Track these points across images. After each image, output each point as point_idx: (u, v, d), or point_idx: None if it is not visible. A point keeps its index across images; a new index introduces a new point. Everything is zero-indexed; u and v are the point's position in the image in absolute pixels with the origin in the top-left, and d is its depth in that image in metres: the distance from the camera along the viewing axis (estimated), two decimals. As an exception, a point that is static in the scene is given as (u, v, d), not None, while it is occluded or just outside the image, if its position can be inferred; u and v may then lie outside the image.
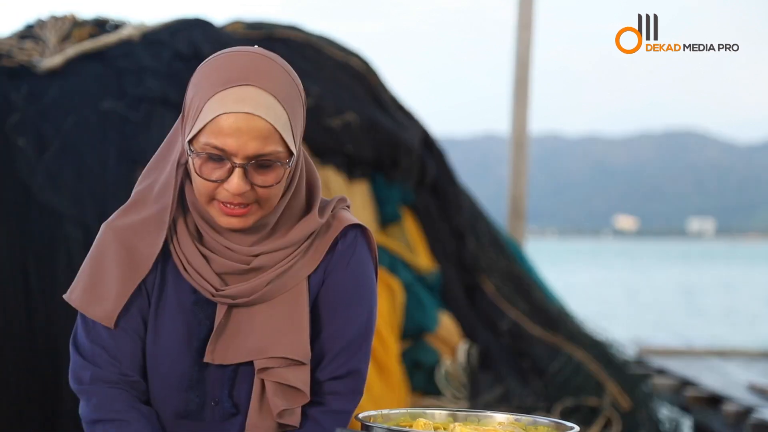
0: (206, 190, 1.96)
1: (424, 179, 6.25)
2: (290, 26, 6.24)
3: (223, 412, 2.06)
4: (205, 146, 1.93)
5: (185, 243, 2.02)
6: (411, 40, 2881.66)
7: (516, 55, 9.47)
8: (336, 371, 2.07)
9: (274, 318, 2.03)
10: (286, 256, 2.02)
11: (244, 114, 1.90)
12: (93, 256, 2.05)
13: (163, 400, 2.07)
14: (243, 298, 2.01)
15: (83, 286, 2.04)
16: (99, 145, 5.19)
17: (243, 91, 1.92)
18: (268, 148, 1.92)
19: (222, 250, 2.01)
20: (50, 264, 4.93)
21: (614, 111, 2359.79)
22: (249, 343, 2.02)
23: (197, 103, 1.95)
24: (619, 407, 6.06)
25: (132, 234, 2.03)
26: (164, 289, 2.05)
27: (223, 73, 1.94)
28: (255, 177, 1.93)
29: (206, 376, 2.05)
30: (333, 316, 2.07)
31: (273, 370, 2.02)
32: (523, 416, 2.00)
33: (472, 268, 6.40)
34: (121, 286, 2.01)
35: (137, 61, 5.46)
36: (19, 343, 4.84)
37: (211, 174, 1.94)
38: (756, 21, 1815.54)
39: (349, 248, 2.07)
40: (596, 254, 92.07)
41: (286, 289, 2.03)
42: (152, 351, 2.06)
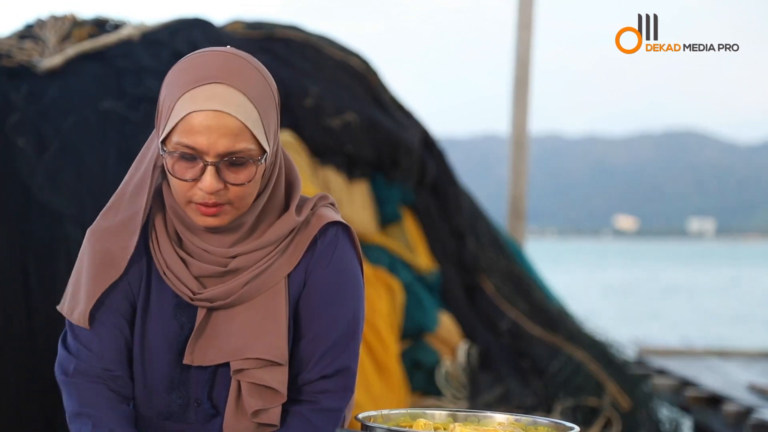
0: (182, 191, 1.96)
1: (424, 179, 6.24)
2: (290, 26, 6.24)
3: (204, 413, 2.07)
4: (177, 145, 1.93)
5: (164, 246, 2.04)
6: (411, 40, 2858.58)
7: (516, 55, 9.47)
8: (324, 370, 2.06)
9: (252, 319, 2.02)
10: (263, 257, 2.02)
11: (213, 111, 1.90)
12: (78, 260, 2.10)
13: (148, 401, 2.08)
14: (220, 301, 2.02)
15: (69, 294, 2.10)
16: (99, 145, 5.19)
17: (212, 89, 1.92)
18: (239, 145, 1.92)
19: (199, 252, 2.02)
20: (50, 264, 4.92)
21: (614, 111, 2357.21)
22: (226, 345, 2.03)
23: (168, 103, 1.95)
24: (619, 407, 6.06)
25: (107, 236, 2.05)
26: (149, 293, 2.07)
27: (193, 73, 1.94)
28: (227, 175, 1.93)
29: (189, 377, 2.06)
30: (317, 315, 2.06)
31: (248, 371, 2.02)
32: (523, 416, 1.99)
33: (472, 268, 6.39)
34: (92, 286, 2.04)
35: (137, 61, 5.46)
36: (19, 343, 4.84)
37: (184, 173, 1.95)
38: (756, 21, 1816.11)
39: (329, 246, 2.06)
40: (596, 254, 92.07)
41: (265, 290, 2.03)
42: (138, 353, 2.07)
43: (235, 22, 6.15)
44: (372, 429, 1.87)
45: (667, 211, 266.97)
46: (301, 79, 5.88)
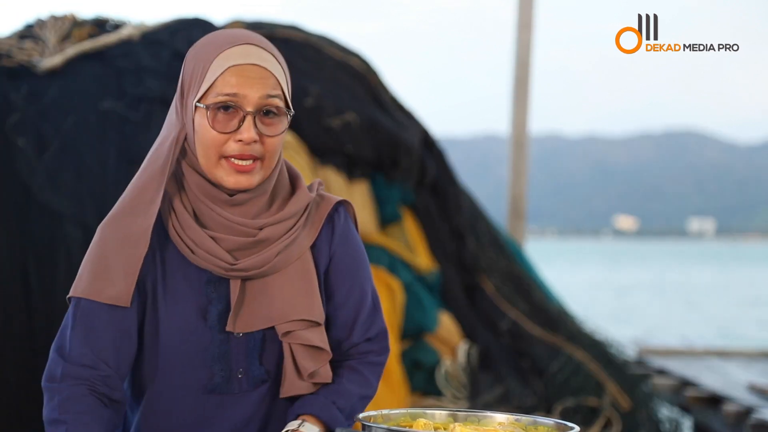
0: (216, 145, 2.07)
1: (424, 179, 6.24)
2: (290, 26, 6.24)
3: (253, 380, 2.14)
4: (217, 98, 2.06)
5: (189, 226, 2.11)
6: (411, 40, 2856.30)
7: (516, 55, 9.47)
8: (367, 333, 2.24)
9: (287, 285, 2.14)
10: (288, 229, 2.14)
11: (251, 65, 2.07)
12: (93, 250, 2.12)
13: (187, 378, 2.13)
14: (255, 270, 2.11)
15: (88, 277, 2.09)
16: (99, 145, 5.19)
17: (246, 48, 2.09)
18: (274, 96, 2.08)
19: (227, 225, 2.10)
20: (50, 264, 4.92)
21: (614, 111, 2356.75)
22: (268, 311, 2.13)
23: (200, 68, 2.09)
24: (619, 407, 6.06)
25: (123, 216, 2.11)
26: (169, 275, 2.12)
27: (223, 38, 2.11)
28: (262, 127, 2.08)
29: (230, 348, 2.13)
30: (350, 285, 2.22)
31: (295, 333, 2.13)
32: (523, 416, 2.00)
33: (472, 268, 6.39)
34: (128, 266, 2.08)
35: (137, 61, 5.46)
36: (19, 343, 4.84)
37: (225, 126, 2.07)
38: (756, 21, 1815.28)
39: (345, 223, 2.23)
40: (596, 254, 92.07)
41: (293, 260, 2.15)
42: (167, 333, 2.11)
43: (235, 22, 6.14)
44: (372, 429, 1.87)
45: (667, 211, 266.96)
46: (301, 79, 5.87)
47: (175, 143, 2.12)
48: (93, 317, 2.08)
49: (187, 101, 2.12)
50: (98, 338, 2.07)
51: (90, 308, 2.08)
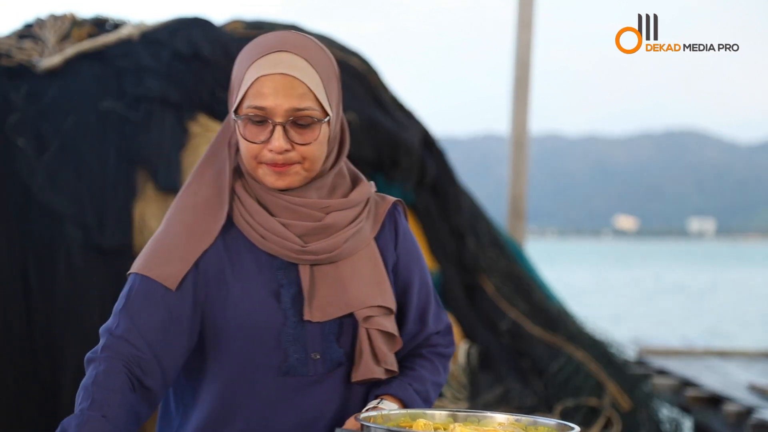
0: (251, 154, 2.12)
1: (424, 179, 6.24)
2: (290, 26, 6.23)
3: (330, 363, 2.17)
4: (247, 110, 2.10)
5: (257, 213, 2.15)
6: (411, 40, 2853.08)
7: (516, 55, 9.47)
8: (437, 327, 2.32)
9: (358, 272, 2.19)
10: (354, 217, 2.19)
11: (279, 74, 2.09)
12: (159, 233, 2.18)
13: (261, 361, 2.14)
14: (325, 254, 2.15)
15: (146, 255, 2.15)
16: (98, 145, 5.19)
17: (278, 56, 2.11)
18: (304, 105, 2.09)
19: (292, 208, 2.14)
20: (50, 264, 4.92)
21: (614, 111, 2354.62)
22: (344, 298, 2.16)
23: (239, 75, 2.15)
24: (620, 407, 6.06)
25: (194, 211, 2.16)
26: (237, 261, 2.15)
27: (261, 46, 2.14)
28: (294, 135, 2.10)
29: (304, 332, 2.15)
30: (417, 277, 2.28)
31: (374, 319, 2.17)
32: (523, 416, 1.99)
33: (472, 268, 6.39)
34: (185, 252, 2.13)
35: (137, 60, 5.45)
36: (19, 343, 4.83)
37: (256, 136, 2.10)
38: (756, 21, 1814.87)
39: (405, 223, 2.31)
40: (596, 254, 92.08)
41: (360, 248, 2.20)
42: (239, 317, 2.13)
43: (235, 21, 6.14)
44: (372, 429, 1.87)
45: (667, 211, 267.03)
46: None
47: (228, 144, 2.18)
48: (144, 295, 2.10)
49: (231, 106, 2.16)
50: (146, 317, 2.09)
51: (143, 285, 2.11)
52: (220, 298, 2.14)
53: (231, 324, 2.13)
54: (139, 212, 5.10)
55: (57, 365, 4.79)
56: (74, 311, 4.88)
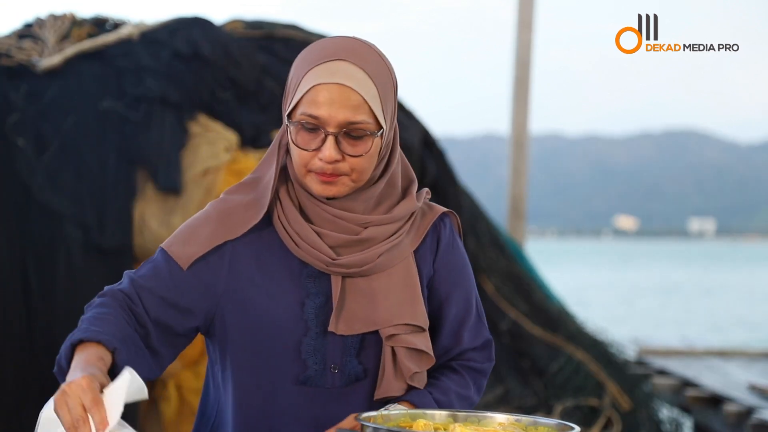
0: (302, 161, 2.09)
1: (424, 179, 6.24)
2: (290, 26, 6.23)
3: (348, 376, 2.15)
4: (301, 116, 2.07)
5: (294, 218, 2.13)
6: (411, 40, 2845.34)
7: (516, 55, 9.47)
8: (473, 343, 2.28)
9: (391, 288, 2.15)
10: (394, 231, 2.16)
11: (335, 84, 2.05)
12: (197, 217, 2.17)
13: (279, 369, 2.14)
14: (356, 268, 2.12)
15: (176, 233, 2.16)
16: (98, 145, 5.19)
17: (336, 65, 2.06)
18: (358, 117, 2.05)
19: (332, 220, 2.12)
20: (50, 264, 4.92)
21: (614, 111, 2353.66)
22: (372, 313, 2.14)
23: (295, 80, 2.10)
24: (620, 407, 6.06)
25: (234, 205, 2.15)
26: (268, 264, 2.14)
27: (319, 52, 2.09)
28: (346, 147, 2.07)
29: (325, 344, 2.13)
30: (456, 293, 2.24)
31: (399, 336, 2.14)
32: (523, 417, 1.99)
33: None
34: (207, 237, 2.12)
35: (136, 60, 5.45)
36: (19, 343, 4.83)
37: (307, 144, 2.07)
38: (756, 21, 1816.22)
39: (450, 234, 2.26)
40: (596, 254, 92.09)
41: (395, 263, 2.16)
42: (261, 321, 2.12)
43: (235, 21, 6.14)
44: (372, 429, 1.87)
45: (667, 211, 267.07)
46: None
47: (279, 144, 2.16)
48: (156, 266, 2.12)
49: (285, 109, 2.13)
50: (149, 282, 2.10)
51: (160, 257, 2.13)
52: (245, 299, 2.13)
53: (252, 327, 2.12)
54: (139, 212, 5.10)
55: (57, 365, 4.79)
56: (74, 311, 4.86)
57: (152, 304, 2.10)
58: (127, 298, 2.09)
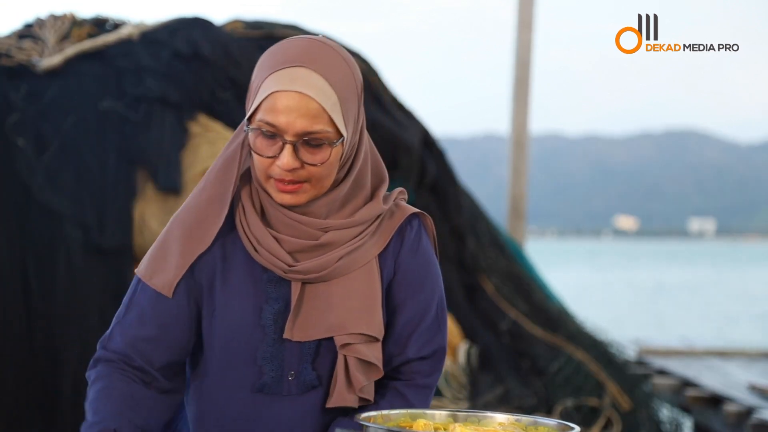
0: (262, 167, 2.05)
1: (424, 179, 6.24)
2: (290, 26, 6.23)
3: (304, 384, 2.12)
4: (260, 123, 2.03)
5: (253, 222, 2.09)
6: (411, 40, 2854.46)
7: (516, 55, 9.47)
8: (422, 351, 2.18)
9: (349, 294, 2.11)
10: (355, 235, 2.11)
11: (294, 92, 2.00)
12: (163, 234, 2.13)
13: (236, 375, 2.12)
14: (314, 274, 2.09)
15: (148, 259, 2.12)
16: (98, 145, 5.19)
17: (296, 71, 2.02)
18: (317, 126, 2.01)
19: (291, 224, 2.09)
20: (50, 264, 4.92)
21: (614, 111, 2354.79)
22: (328, 320, 2.10)
23: (256, 83, 2.06)
24: (620, 407, 6.06)
25: (196, 212, 2.11)
26: (230, 268, 2.12)
27: (280, 56, 2.04)
28: (304, 155, 2.03)
29: (283, 350, 2.11)
30: (411, 299, 2.17)
31: (353, 346, 2.10)
32: (523, 417, 1.99)
33: (472, 268, 6.39)
34: (180, 258, 2.08)
35: (136, 60, 5.45)
36: (19, 344, 4.83)
37: (265, 150, 2.04)
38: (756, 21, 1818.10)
39: (416, 236, 2.18)
40: (596, 254, 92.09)
41: (357, 267, 2.12)
42: (220, 327, 2.11)
43: (235, 21, 6.14)
44: (372, 429, 1.87)
45: (667, 211, 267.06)
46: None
47: (241, 146, 2.11)
48: (141, 304, 2.11)
49: (246, 111, 2.09)
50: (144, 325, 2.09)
51: (142, 292, 2.11)
52: (209, 305, 2.11)
53: (214, 335, 2.11)
54: (139, 212, 5.10)
55: (57, 366, 4.79)
56: (74, 311, 4.88)
57: (150, 353, 2.10)
58: (123, 358, 2.09)
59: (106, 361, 2.10)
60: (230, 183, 2.09)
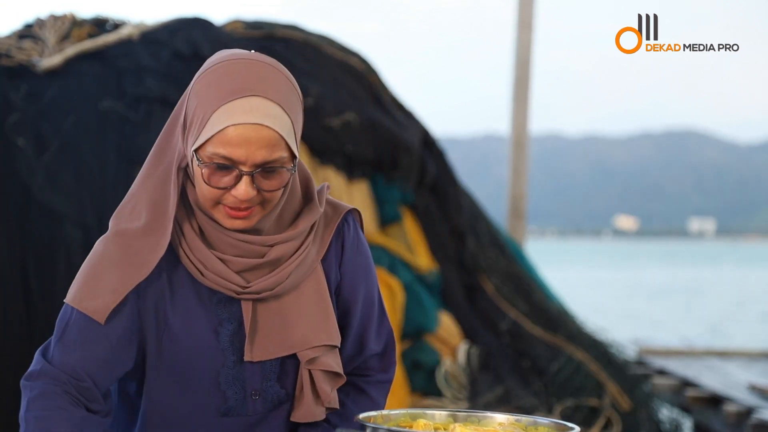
0: (211, 196, 1.98)
1: (424, 179, 6.24)
2: (290, 26, 6.23)
3: (271, 401, 2.09)
4: (213, 156, 1.95)
5: (196, 247, 2.03)
6: (411, 40, 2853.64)
7: (516, 55, 9.47)
8: (375, 349, 2.19)
9: (302, 307, 2.08)
10: (299, 246, 2.07)
11: (252, 125, 1.93)
12: (91, 258, 2.07)
13: (201, 401, 2.07)
14: (268, 292, 2.04)
15: (79, 284, 2.05)
16: (98, 145, 5.19)
17: (249, 102, 1.94)
18: (275, 155, 1.95)
19: (235, 243, 2.02)
20: (50, 264, 4.92)
21: (614, 111, 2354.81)
22: (287, 337, 2.07)
23: (201, 113, 1.97)
24: (620, 407, 6.06)
25: (133, 238, 2.03)
26: (176, 295, 2.06)
27: (228, 84, 1.96)
28: (261, 182, 1.97)
29: (242, 372, 2.07)
30: (360, 299, 2.16)
31: (317, 359, 2.08)
32: (523, 417, 1.99)
33: (472, 268, 6.39)
34: (118, 284, 2.01)
35: (137, 60, 5.46)
36: (19, 343, 4.83)
37: (219, 182, 1.96)
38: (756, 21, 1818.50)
39: (354, 234, 2.17)
40: (596, 254, 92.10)
41: (305, 277, 2.09)
42: (174, 356, 2.05)
43: (235, 21, 6.14)
44: (372, 429, 1.87)
45: (667, 211, 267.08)
46: (301, 79, 5.85)
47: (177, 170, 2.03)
48: (78, 328, 2.03)
49: (188, 139, 2.00)
50: (81, 350, 2.03)
51: (76, 318, 2.05)
52: (159, 332, 2.05)
53: (168, 361, 2.05)
54: (139, 212, 5.10)
55: (57, 365, 4.79)
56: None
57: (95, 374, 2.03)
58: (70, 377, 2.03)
59: (52, 378, 2.03)
60: (168, 211, 2.01)
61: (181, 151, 2.03)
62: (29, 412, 2.03)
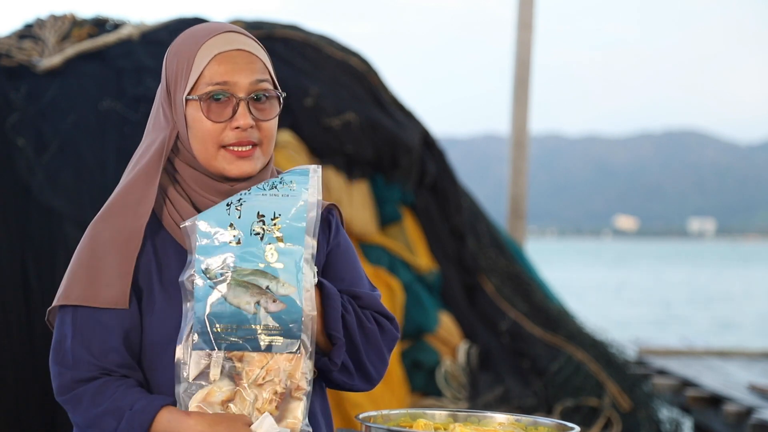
0: (214, 135, 2.06)
1: (424, 179, 6.24)
2: (290, 26, 6.24)
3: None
4: (208, 88, 2.06)
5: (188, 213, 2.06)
6: (411, 40, 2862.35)
7: (516, 55, 9.48)
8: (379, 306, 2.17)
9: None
10: None
11: (236, 50, 2.08)
12: (82, 253, 2.07)
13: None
14: None
15: (82, 283, 2.03)
16: (98, 145, 5.19)
17: (228, 35, 2.10)
18: (264, 78, 2.08)
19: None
20: (50, 264, 4.92)
21: (614, 111, 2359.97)
22: None
23: (185, 62, 2.12)
24: (620, 407, 6.06)
25: (110, 217, 2.10)
26: (164, 267, 2.06)
27: (202, 30, 2.13)
28: (256, 112, 2.07)
29: None
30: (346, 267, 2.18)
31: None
32: (523, 417, 1.99)
33: (472, 268, 6.39)
34: (122, 266, 2.03)
35: (136, 60, 5.46)
36: (19, 344, 4.83)
37: (219, 115, 2.06)
38: (756, 21, 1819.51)
39: (338, 224, 2.22)
40: (596, 254, 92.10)
41: None
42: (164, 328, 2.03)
43: (235, 21, 6.14)
44: (372, 429, 1.87)
45: (667, 211, 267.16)
46: (301, 79, 5.87)
47: (167, 143, 2.09)
48: (93, 324, 2.01)
49: (176, 98, 2.11)
50: (102, 345, 2.01)
51: (89, 315, 2.02)
52: (148, 307, 2.04)
53: (156, 336, 2.03)
54: (139, 212, 5.10)
55: (57, 365, 4.79)
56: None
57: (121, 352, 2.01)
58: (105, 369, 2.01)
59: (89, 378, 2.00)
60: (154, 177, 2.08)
61: (166, 130, 2.10)
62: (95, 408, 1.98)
